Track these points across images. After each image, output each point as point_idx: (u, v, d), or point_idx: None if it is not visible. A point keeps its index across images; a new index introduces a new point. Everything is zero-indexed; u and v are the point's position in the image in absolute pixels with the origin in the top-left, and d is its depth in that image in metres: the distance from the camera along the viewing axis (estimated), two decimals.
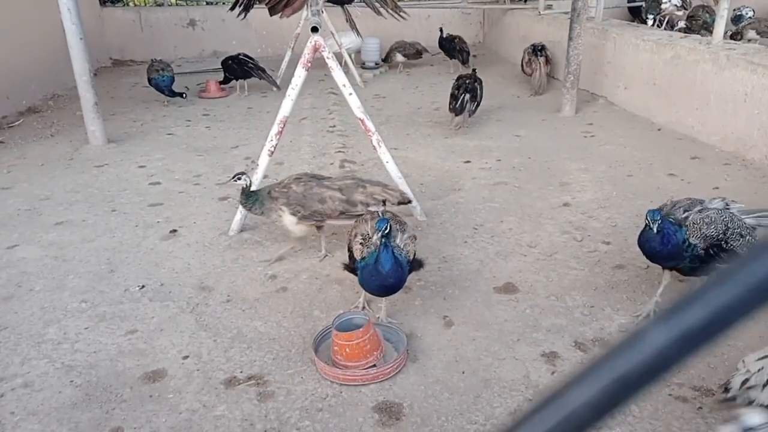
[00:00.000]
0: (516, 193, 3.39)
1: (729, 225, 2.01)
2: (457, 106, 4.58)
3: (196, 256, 2.75)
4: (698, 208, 2.07)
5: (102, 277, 2.56)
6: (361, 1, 3.26)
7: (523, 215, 3.08)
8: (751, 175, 3.45)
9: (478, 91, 4.71)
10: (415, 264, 2.11)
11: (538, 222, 3.00)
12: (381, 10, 3.04)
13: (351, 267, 2.15)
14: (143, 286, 2.51)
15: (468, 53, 6.47)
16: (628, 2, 7.29)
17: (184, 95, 5.43)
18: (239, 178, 2.57)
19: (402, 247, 2.02)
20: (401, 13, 3.05)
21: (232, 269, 2.65)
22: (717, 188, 3.26)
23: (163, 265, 2.67)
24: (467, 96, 4.73)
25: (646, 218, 2.02)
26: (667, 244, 2.01)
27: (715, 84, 3.84)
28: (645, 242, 2.08)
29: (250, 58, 5.83)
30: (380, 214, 2.20)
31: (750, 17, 6.05)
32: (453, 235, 2.91)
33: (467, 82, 4.82)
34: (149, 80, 5.36)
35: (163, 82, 5.29)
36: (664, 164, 3.67)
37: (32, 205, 3.30)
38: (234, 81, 5.86)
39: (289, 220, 2.58)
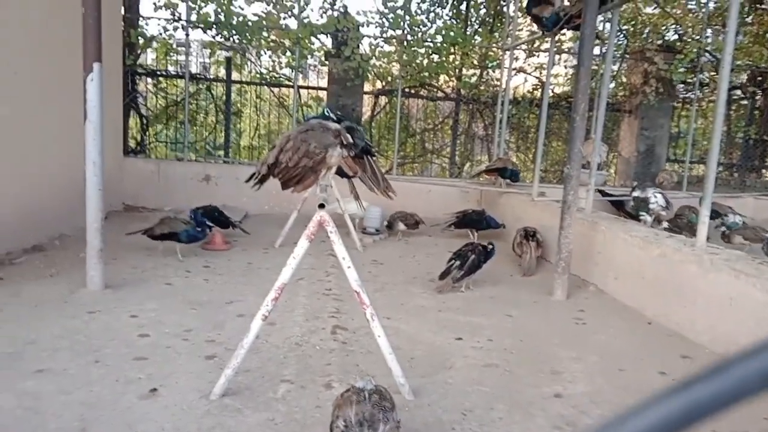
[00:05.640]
0: (507, 377, 3.35)
1: None
2: (443, 271, 4.94)
3: (172, 420, 2.64)
4: None
5: None
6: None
7: (513, 404, 3.01)
8: None
9: (469, 261, 4.89)
10: None
11: (529, 413, 2.93)
12: (374, 188, 3.24)
13: None
14: None
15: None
16: (608, 198, 7.83)
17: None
18: None
19: None
20: (390, 193, 3.25)
21: None
22: None
23: (136, 428, 2.55)
24: (456, 262, 4.95)
25: None
26: None
27: (701, 285, 3.98)
28: None
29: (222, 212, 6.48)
30: (367, 396, 2.16)
31: (738, 224, 6.52)
32: (441, 419, 2.81)
33: (463, 249, 5.08)
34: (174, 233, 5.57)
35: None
36: (654, 361, 3.67)
37: (16, 348, 3.24)
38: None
39: None
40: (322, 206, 2.93)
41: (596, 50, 8.57)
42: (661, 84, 9.64)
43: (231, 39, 8.75)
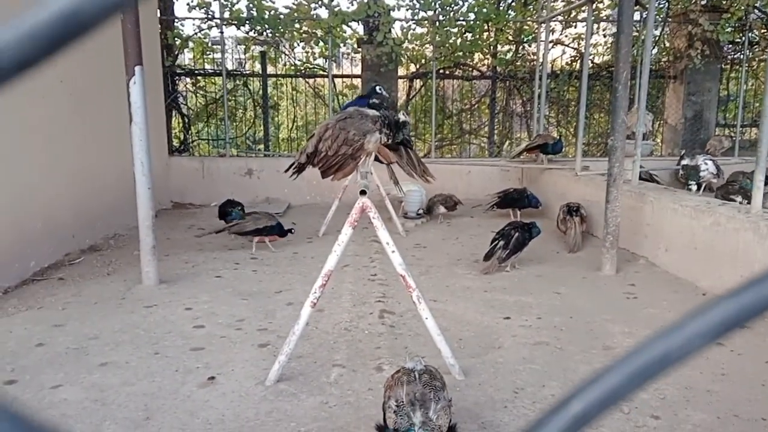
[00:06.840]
0: (558, 355, 3.32)
1: None
2: (488, 251, 4.87)
3: (231, 407, 2.74)
4: None
5: (137, 424, 2.56)
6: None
7: (566, 380, 2.99)
8: None
9: (513, 239, 4.84)
10: None
11: None
12: (412, 173, 3.22)
13: (383, 430, 2.10)
14: None
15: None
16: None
17: (292, 231, 5.90)
18: None
19: (435, 419, 1.97)
20: (428, 177, 3.21)
21: (266, 423, 2.61)
22: None
23: (197, 415, 2.65)
24: (501, 242, 4.89)
25: None
26: None
27: (759, 253, 3.83)
28: None
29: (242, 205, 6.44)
30: (417, 376, 2.18)
31: None
32: (492, 398, 2.82)
33: (506, 228, 5.01)
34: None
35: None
36: None
37: (80, 344, 3.41)
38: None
39: None
40: (363, 193, 2.95)
41: (636, 16, 8.25)
42: (707, 46, 9.22)
43: (264, 33, 8.84)
